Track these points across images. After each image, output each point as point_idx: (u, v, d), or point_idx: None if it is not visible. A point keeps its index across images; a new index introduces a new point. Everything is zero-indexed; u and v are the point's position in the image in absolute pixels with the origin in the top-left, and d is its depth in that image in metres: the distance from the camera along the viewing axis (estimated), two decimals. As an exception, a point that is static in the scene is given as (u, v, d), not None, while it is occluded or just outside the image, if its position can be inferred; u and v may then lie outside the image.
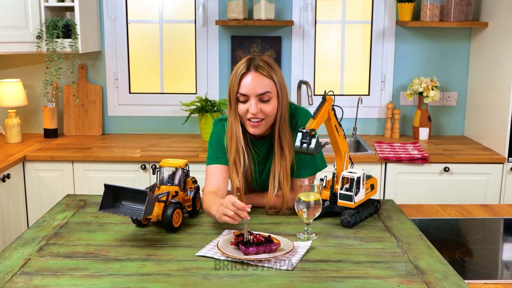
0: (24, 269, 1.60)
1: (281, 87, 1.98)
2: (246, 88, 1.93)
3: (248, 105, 1.95)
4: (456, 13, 3.54)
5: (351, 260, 1.67)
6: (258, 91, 1.93)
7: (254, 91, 1.93)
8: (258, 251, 1.64)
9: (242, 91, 1.94)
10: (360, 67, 3.89)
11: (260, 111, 1.95)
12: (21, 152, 3.29)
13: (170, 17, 3.84)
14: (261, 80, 1.94)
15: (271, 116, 1.98)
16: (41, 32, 3.36)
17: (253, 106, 1.93)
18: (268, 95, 1.94)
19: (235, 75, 1.96)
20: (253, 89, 1.93)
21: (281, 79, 1.98)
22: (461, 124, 3.87)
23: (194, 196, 2.01)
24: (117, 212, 1.78)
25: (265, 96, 1.94)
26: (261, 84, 1.93)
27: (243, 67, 1.95)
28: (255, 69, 1.94)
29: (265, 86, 1.94)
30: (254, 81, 1.93)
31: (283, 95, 1.99)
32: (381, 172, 3.28)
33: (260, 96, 1.94)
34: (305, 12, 3.74)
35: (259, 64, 1.94)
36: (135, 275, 1.56)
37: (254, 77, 1.93)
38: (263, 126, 1.99)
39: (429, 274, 1.58)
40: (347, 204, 1.95)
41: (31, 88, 3.80)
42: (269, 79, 1.95)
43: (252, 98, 1.94)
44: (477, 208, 2.42)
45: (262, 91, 1.93)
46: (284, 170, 2.02)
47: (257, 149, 2.08)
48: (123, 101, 3.86)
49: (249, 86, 1.93)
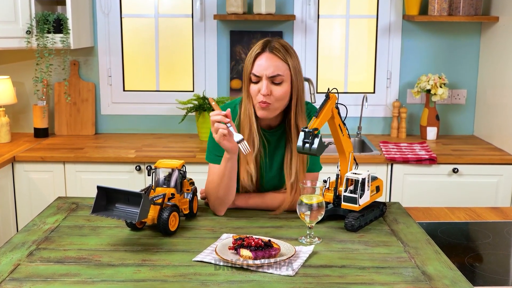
0: (13, 275, 1.60)
1: (296, 73, 2.01)
2: (259, 68, 1.98)
3: (259, 86, 1.99)
4: (466, 7, 3.54)
5: (356, 265, 1.67)
6: (269, 73, 1.97)
7: (266, 72, 1.97)
8: (257, 257, 1.64)
9: (254, 71, 1.99)
10: (365, 64, 3.89)
11: (270, 94, 1.98)
12: (10, 153, 3.29)
13: (166, 11, 3.84)
14: (275, 62, 1.97)
15: (281, 101, 2.00)
16: (31, 27, 3.36)
17: (264, 87, 1.97)
18: (280, 77, 1.98)
19: (250, 55, 2.01)
20: (265, 69, 1.97)
21: (296, 64, 2.02)
22: (470, 123, 3.87)
23: (191, 199, 2.01)
24: (110, 215, 1.78)
25: (277, 79, 1.97)
26: (274, 66, 1.97)
27: (259, 48, 2.00)
28: (270, 51, 1.98)
29: (278, 68, 1.97)
30: (267, 62, 1.97)
31: (298, 81, 2.02)
32: (387, 174, 3.28)
33: (272, 78, 1.97)
34: (307, 6, 3.74)
35: (275, 45, 1.99)
36: (130, 281, 1.56)
37: (268, 58, 1.98)
38: (272, 111, 2.01)
39: (437, 280, 1.58)
40: (352, 207, 1.95)
41: (20, 85, 3.80)
42: (283, 62, 1.99)
43: (264, 79, 1.97)
44: (487, 211, 2.42)
45: (274, 73, 1.97)
46: (300, 159, 2.05)
47: (265, 140, 2.10)
48: (117, 99, 3.86)
49: (262, 66, 1.97)
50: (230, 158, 1.98)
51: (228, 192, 2.03)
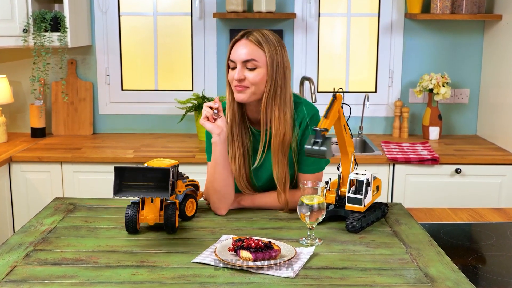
0: (10, 277, 1.60)
1: (273, 61, 2.04)
2: (234, 54, 2.05)
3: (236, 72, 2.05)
4: (468, 5, 3.54)
5: (357, 267, 1.67)
6: (243, 58, 2.03)
7: (240, 58, 2.03)
8: (257, 258, 1.64)
9: (231, 57, 2.06)
10: (366, 63, 3.89)
11: (244, 79, 2.03)
12: (7, 153, 3.29)
13: (165, 10, 3.84)
14: (249, 47, 2.04)
15: (257, 85, 2.04)
16: (28, 25, 3.36)
17: (237, 71, 2.03)
18: (253, 63, 2.03)
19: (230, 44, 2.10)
20: (239, 55, 2.04)
21: (274, 53, 2.04)
22: (473, 123, 3.87)
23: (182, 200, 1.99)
24: (137, 195, 1.79)
25: (249, 64, 2.03)
26: (247, 51, 2.03)
27: (239, 36, 2.08)
28: (247, 37, 2.05)
29: (252, 53, 2.03)
30: (242, 48, 2.04)
31: (274, 70, 2.04)
32: (389, 174, 3.28)
33: (245, 63, 2.03)
34: (308, 4, 3.74)
35: (254, 33, 2.06)
36: (128, 283, 1.56)
37: (244, 44, 2.05)
38: (249, 94, 2.05)
39: (440, 282, 1.58)
40: (357, 208, 1.96)
41: (17, 84, 3.80)
42: (259, 48, 2.04)
43: (238, 64, 2.04)
44: (490, 212, 2.42)
45: (247, 58, 2.02)
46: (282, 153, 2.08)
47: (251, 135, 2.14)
48: (115, 99, 3.86)
49: (237, 52, 2.05)
50: (216, 143, 2.02)
51: (224, 183, 2.04)
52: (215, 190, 2.06)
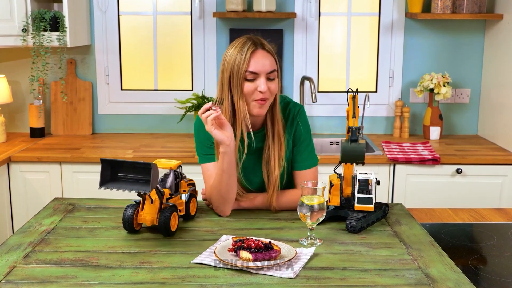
0: (9, 278, 1.60)
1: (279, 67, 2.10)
2: (257, 65, 2.00)
3: (256, 84, 2.01)
4: (469, 5, 3.54)
5: (358, 267, 1.67)
6: (268, 69, 2.02)
7: (265, 69, 2.01)
8: (257, 259, 1.64)
9: (251, 69, 2.00)
10: (367, 62, 3.89)
11: (268, 90, 2.02)
12: (6, 153, 3.29)
13: (165, 9, 3.84)
14: (269, 58, 2.04)
15: (273, 96, 2.06)
16: (27, 24, 3.36)
17: (263, 84, 2.00)
18: (274, 73, 2.04)
19: (241, 53, 2.01)
20: (263, 66, 2.01)
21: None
22: (474, 123, 3.87)
23: (188, 200, 2.00)
24: (120, 188, 1.78)
25: (272, 75, 2.03)
26: (269, 62, 2.03)
27: (250, 45, 2.02)
28: (262, 47, 2.04)
29: (273, 64, 2.04)
30: (264, 59, 2.02)
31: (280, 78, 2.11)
32: (390, 174, 3.28)
33: (268, 74, 2.02)
34: (308, 3, 3.74)
35: (263, 42, 2.06)
36: (127, 283, 1.56)
37: (263, 55, 2.03)
38: (266, 108, 2.06)
39: (441, 283, 1.58)
40: (367, 207, 1.98)
41: (16, 84, 3.80)
42: (273, 57, 2.06)
43: (262, 76, 2.01)
44: (491, 212, 2.42)
45: (271, 69, 2.03)
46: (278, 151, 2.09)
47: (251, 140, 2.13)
48: (114, 99, 3.86)
49: (260, 63, 2.01)
50: (226, 153, 1.97)
51: (230, 190, 2.04)
52: (220, 195, 2.05)
